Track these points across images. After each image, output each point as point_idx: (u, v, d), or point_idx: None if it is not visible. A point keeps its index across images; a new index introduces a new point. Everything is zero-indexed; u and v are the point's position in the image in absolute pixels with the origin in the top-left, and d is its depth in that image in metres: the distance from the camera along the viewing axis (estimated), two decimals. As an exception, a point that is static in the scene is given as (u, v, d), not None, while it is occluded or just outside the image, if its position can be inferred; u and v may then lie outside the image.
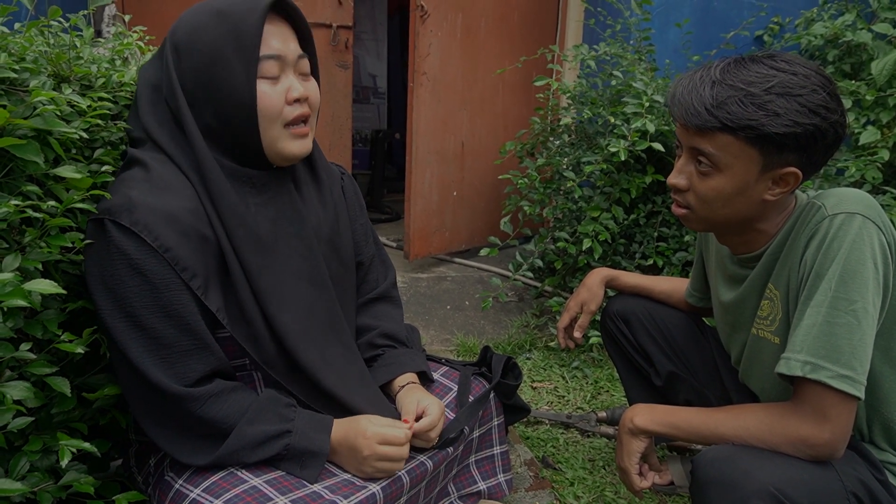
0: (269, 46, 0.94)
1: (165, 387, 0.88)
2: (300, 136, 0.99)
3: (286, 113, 0.96)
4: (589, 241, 2.10)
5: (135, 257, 0.86)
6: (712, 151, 0.95)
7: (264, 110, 0.95)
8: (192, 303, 0.90)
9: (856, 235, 0.90)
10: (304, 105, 0.98)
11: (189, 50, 0.94)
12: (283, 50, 0.96)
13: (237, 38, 0.92)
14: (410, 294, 2.61)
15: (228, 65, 0.92)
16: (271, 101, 0.95)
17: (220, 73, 0.93)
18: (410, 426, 1.01)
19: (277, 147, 0.98)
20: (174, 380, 0.89)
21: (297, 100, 0.97)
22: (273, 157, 1.00)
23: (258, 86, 0.94)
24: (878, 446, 1.00)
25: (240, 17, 0.92)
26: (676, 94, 0.98)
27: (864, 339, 0.89)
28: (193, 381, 0.90)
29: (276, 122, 0.96)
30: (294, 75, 0.98)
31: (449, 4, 2.71)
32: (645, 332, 1.41)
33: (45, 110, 0.85)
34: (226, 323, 0.94)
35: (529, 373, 2.10)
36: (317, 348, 1.02)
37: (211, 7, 0.95)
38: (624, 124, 2.10)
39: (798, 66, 0.92)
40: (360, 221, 1.22)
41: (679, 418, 1.03)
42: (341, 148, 3.10)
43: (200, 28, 0.94)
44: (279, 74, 0.96)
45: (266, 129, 0.96)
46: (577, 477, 1.55)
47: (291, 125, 0.98)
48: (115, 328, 0.87)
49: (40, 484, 0.82)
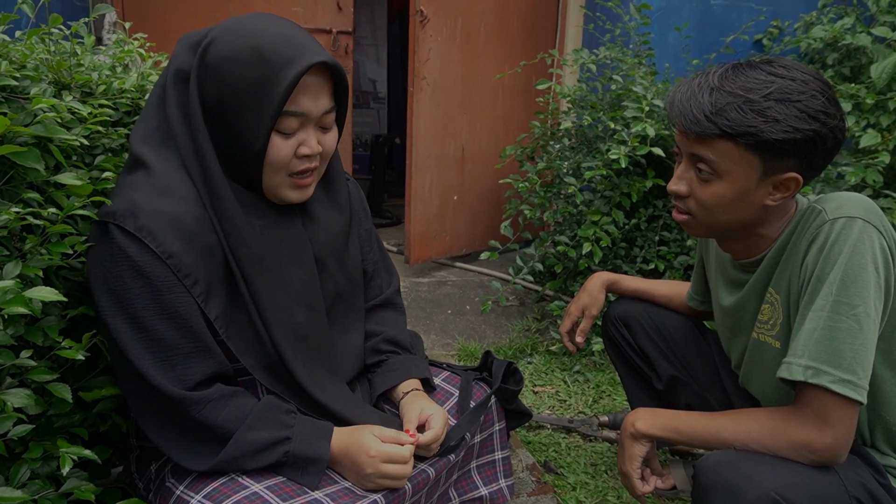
0: (296, 104, 0.91)
1: (165, 389, 0.88)
2: (301, 186, 0.99)
3: (293, 165, 0.96)
4: (589, 245, 2.10)
5: (137, 260, 0.86)
6: (712, 158, 0.95)
7: (271, 161, 0.94)
8: (193, 305, 0.90)
9: (856, 239, 0.90)
10: (313, 160, 0.97)
11: (217, 75, 0.91)
12: (310, 108, 0.93)
13: (266, 88, 0.89)
14: (411, 298, 2.60)
15: (249, 108, 0.90)
16: (279, 154, 0.93)
17: (239, 112, 0.91)
18: (415, 439, 1.00)
19: (276, 192, 0.98)
20: (174, 382, 0.88)
21: (306, 155, 0.96)
22: (271, 197, 1.00)
23: (272, 138, 0.92)
24: (880, 450, 1.00)
25: (276, 68, 0.88)
26: (675, 100, 0.98)
27: (866, 344, 0.88)
28: (194, 384, 0.90)
29: (281, 171, 0.96)
30: (313, 129, 0.96)
31: (449, 9, 2.72)
32: (646, 336, 1.41)
33: (45, 117, 0.85)
34: (222, 332, 0.94)
35: (531, 377, 2.10)
36: (307, 369, 1.02)
37: (253, 41, 0.90)
38: (624, 129, 2.10)
39: (796, 71, 0.92)
40: (364, 227, 1.22)
41: (681, 422, 1.02)
42: (342, 153, 3.08)
43: (235, 60, 0.90)
44: (297, 130, 0.94)
45: (269, 175, 0.96)
46: (580, 482, 1.55)
47: (295, 176, 0.97)
48: (116, 329, 0.87)
49: (41, 491, 0.82)
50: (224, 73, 0.91)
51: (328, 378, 1.06)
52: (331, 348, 1.09)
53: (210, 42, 0.93)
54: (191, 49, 0.95)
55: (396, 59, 5.09)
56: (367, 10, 4.78)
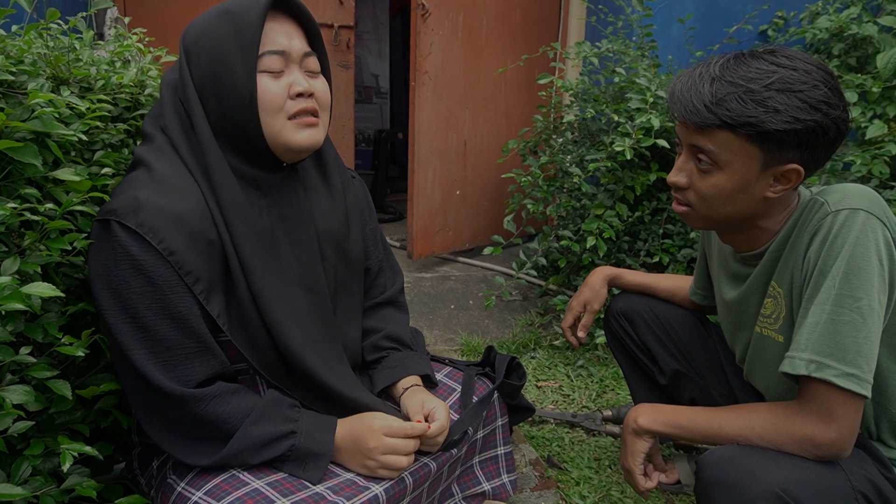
0: (272, 42, 0.94)
1: (167, 388, 0.87)
2: (306, 125, 0.97)
3: (288, 106, 0.95)
4: (593, 239, 2.09)
5: (139, 258, 0.86)
6: (712, 149, 0.94)
7: (265, 104, 0.93)
8: (195, 305, 0.90)
9: (860, 232, 0.89)
10: (309, 100, 0.96)
11: (198, 49, 0.95)
12: (287, 46, 0.95)
13: (239, 34, 0.92)
14: (414, 294, 2.60)
15: (230, 60, 0.92)
16: (272, 94, 0.94)
17: (224, 70, 0.93)
18: (427, 426, 1.01)
19: (282, 139, 0.95)
20: (176, 381, 0.88)
21: (300, 94, 0.95)
22: (280, 152, 0.97)
23: (259, 80, 0.93)
24: (886, 444, 0.99)
25: (243, 13, 0.93)
26: (676, 91, 0.97)
27: (870, 337, 0.87)
28: (195, 383, 0.90)
29: (279, 115, 0.95)
30: (300, 72, 0.97)
31: (450, 3, 2.70)
32: (649, 331, 1.40)
33: (43, 113, 0.84)
34: (226, 328, 0.93)
35: (534, 372, 2.09)
36: (316, 352, 1.02)
37: (220, 7, 0.96)
38: (628, 122, 2.09)
39: (799, 61, 0.91)
40: (369, 226, 1.22)
41: (683, 418, 1.01)
42: (344, 148, 3.10)
43: (208, 27, 0.95)
44: (283, 70, 0.95)
45: (268, 123, 0.94)
46: (583, 476, 1.54)
47: (296, 117, 0.96)
48: (117, 329, 0.87)
49: (42, 488, 0.82)
50: (202, 42, 0.95)
51: (335, 359, 1.06)
52: (337, 331, 1.09)
53: (186, 29, 0.99)
54: (176, 61, 1.00)
55: (399, 53, 5.07)
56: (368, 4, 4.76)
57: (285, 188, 1.02)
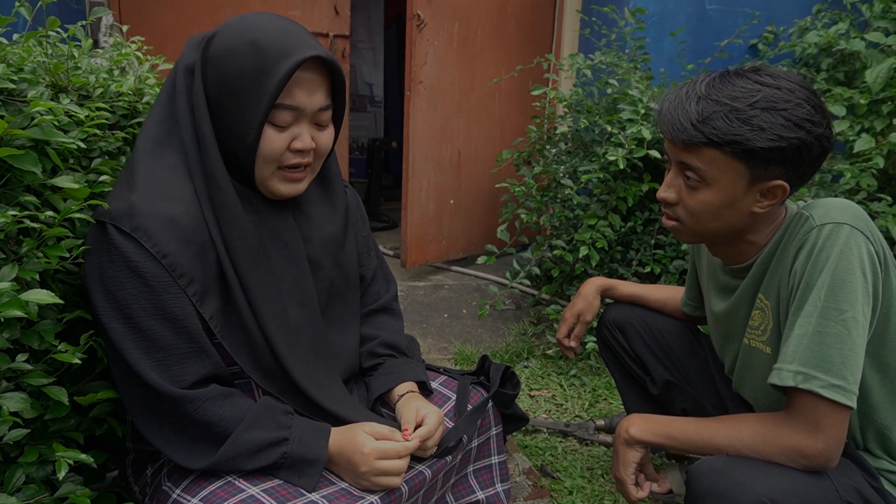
0: (290, 97, 0.92)
1: (161, 388, 0.88)
2: (292, 180, 0.99)
3: (284, 158, 0.96)
4: (586, 249, 2.10)
5: (134, 260, 0.87)
6: (699, 166, 0.96)
7: (263, 153, 0.95)
8: (189, 306, 0.91)
9: (844, 245, 0.90)
10: (305, 155, 0.98)
11: (217, 67, 0.93)
12: (305, 103, 0.94)
13: (261, 80, 0.90)
14: (408, 302, 2.60)
15: (245, 100, 0.92)
16: (272, 146, 0.94)
17: (236, 103, 0.92)
18: (413, 441, 1.00)
19: (267, 185, 0.98)
20: (170, 382, 0.89)
21: (299, 150, 0.96)
22: (262, 191, 1.00)
23: (265, 129, 0.93)
24: (872, 453, 1.00)
25: (271, 60, 0.90)
26: (663, 109, 0.99)
27: (855, 349, 0.89)
28: (189, 384, 0.91)
29: (272, 164, 0.96)
30: (307, 125, 0.97)
31: (446, 13, 2.73)
32: (641, 341, 1.41)
33: (42, 121, 0.85)
34: (217, 331, 0.94)
35: (527, 381, 2.10)
36: (304, 365, 1.02)
37: (251, 35, 0.92)
38: (620, 132, 2.11)
39: (782, 79, 0.93)
40: (362, 234, 1.22)
41: (674, 428, 1.03)
42: (338, 157, 3.10)
43: (234, 52, 0.92)
44: (291, 124, 0.95)
45: (261, 167, 0.96)
46: (576, 485, 1.55)
47: (286, 170, 0.98)
48: (112, 329, 0.88)
49: (36, 496, 0.81)
50: (224, 64, 0.93)
51: (324, 375, 1.06)
52: (327, 346, 1.09)
53: (213, 36, 0.95)
54: (196, 46, 0.97)
55: (393, 62, 5.09)
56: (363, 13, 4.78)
57: (275, 206, 1.03)
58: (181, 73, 0.96)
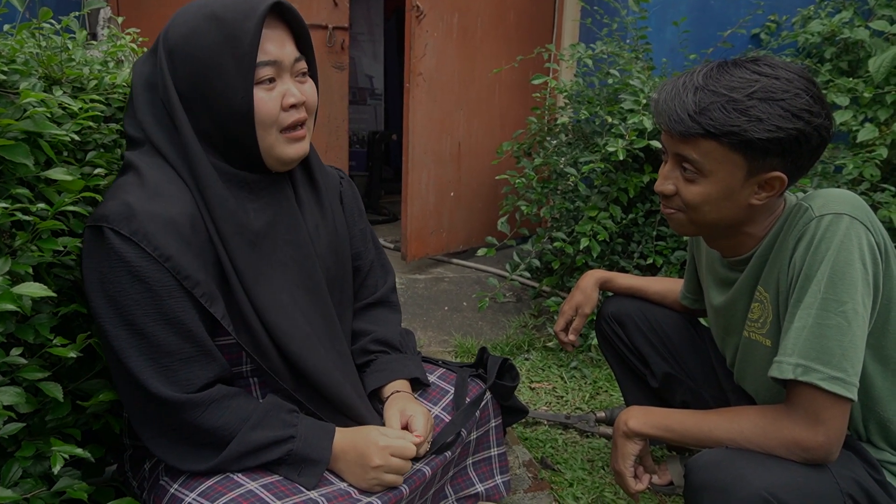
0: (265, 52, 0.92)
1: (166, 396, 0.87)
2: (296, 139, 0.99)
3: (282, 119, 0.96)
4: (587, 241, 2.09)
5: (135, 265, 0.85)
6: (696, 158, 0.95)
7: (261, 118, 0.94)
8: (193, 310, 0.89)
9: (843, 236, 0.89)
10: (300, 110, 0.97)
11: (184, 55, 0.92)
12: (280, 55, 0.94)
13: (233, 45, 0.90)
14: (408, 295, 2.60)
15: (225, 73, 0.91)
16: (267, 108, 0.94)
17: (217, 81, 0.91)
18: (421, 439, 1.01)
19: (275, 152, 0.97)
20: (175, 388, 0.88)
21: (293, 105, 0.96)
22: (271, 163, 0.99)
23: (255, 94, 0.92)
24: (875, 445, 1.00)
25: (236, 22, 0.90)
26: (660, 100, 0.98)
27: (855, 341, 0.88)
28: (196, 388, 0.90)
29: (273, 128, 0.95)
30: (290, 79, 0.97)
31: (445, 5, 2.71)
32: (640, 334, 1.40)
33: (35, 112, 0.84)
34: (231, 330, 0.93)
35: (528, 373, 2.09)
36: (316, 355, 1.02)
37: (205, 10, 0.92)
38: (621, 123, 2.10)
39: (781, 70, 0.92)
40: (359, 226, 1.21)
41: (673, 421, 1.02)
42: (338, 150, 3.10)
43: (195, 33, 0.92)
44: (275, 79, 0.95)
45: (263, 136, 0.95)
46: (577, 478, 1.55)
47: (287, 130, 0.97)
48: (115, 336, 0.86)
49: (33, 490, 0.81)
50: (189, 48, 0.92)
51: (339, 367, 1.06)
52: (338, 330, 1.09)
53: (167, 30, 0.95)
54: (148, 55, 0.98)
55: (393, 55, 5.06)
56: (363, 5, 4.75)
57: (276, 190, 1.02)
58: (139, 88, 0.95)
